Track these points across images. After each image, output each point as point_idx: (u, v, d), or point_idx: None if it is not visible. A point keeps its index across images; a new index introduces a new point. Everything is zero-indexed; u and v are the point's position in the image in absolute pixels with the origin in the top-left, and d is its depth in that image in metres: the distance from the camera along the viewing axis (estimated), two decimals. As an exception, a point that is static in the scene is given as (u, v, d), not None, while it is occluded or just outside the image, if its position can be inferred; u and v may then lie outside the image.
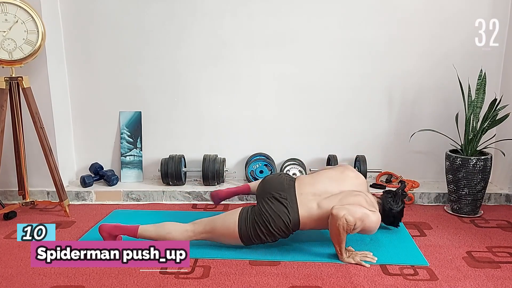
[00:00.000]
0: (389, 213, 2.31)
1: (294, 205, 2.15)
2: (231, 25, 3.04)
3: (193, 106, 3.17)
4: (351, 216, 2.01)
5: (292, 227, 2.13)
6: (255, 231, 2.12)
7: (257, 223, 2.12)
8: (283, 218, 2.12)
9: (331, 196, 2.16)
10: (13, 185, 2.93)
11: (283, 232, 2.14)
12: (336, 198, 2.15)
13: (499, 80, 3.02)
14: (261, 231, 2.11)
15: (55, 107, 2.95)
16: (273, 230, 2.11)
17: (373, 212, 2.12)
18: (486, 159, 2.64)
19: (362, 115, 3.14)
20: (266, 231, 2.12)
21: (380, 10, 2.98)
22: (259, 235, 2.12)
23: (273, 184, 2.24)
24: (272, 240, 2.16)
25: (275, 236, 2.15)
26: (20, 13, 2.53)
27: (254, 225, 2.12)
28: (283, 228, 2.13)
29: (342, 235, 2.05)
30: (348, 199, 2.13)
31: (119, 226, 2.20)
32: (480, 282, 1.95)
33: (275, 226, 2.11)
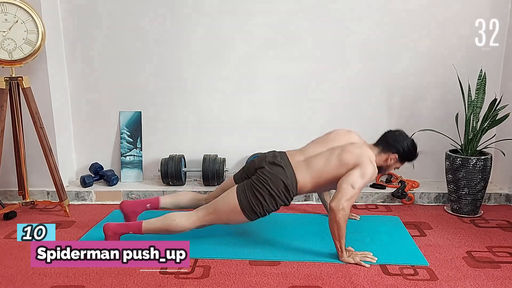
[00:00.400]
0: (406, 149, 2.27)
1: (290, 168, 2.18)
2: (231, 25, 3.04)
3: (193, 106, 3.17)
4: (347, 204, 2.04)
5: (290, 187, 2.15)
6: (255, 197, 2.13)
7: (256, 188, 2.14)
8: (281, 178, 2.14)
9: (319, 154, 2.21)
10: (13, 185, 2.92)
11: (283, 195, 2.15)
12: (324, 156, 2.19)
13: (499, 80, 3.02)
14: (261, 195, 2.12)
15: (55, 107, 2.95)
16: (272, 192, 2.13)
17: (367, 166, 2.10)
18: (486, 159, 2.64)
19: (362, 115, 3.14)
20: (266, 194, 2.13)
21: (380, 10, 2.98)
22: (259, 200, 2.12)
23: (267, 155, 2.28)
24: (274, 206, 2.16)
25: (276, 200, 2.15)
26: (20, 13, 2.53)
27: (253, 191, 2.13)
28: (283, 189, 2.14)
29: (342, 227, 2.05)
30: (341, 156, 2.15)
31: (123, 224, 2.22)
32: (480, 282, 1.95)
33: (274, 187, 2.13)
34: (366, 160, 2.13)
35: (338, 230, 2.07)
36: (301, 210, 2.85)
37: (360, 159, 2.13)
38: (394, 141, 2.26)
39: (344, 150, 2.18)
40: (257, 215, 2.17)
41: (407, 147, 2.26)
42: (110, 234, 2.17)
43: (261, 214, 2.17)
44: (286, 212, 2.82)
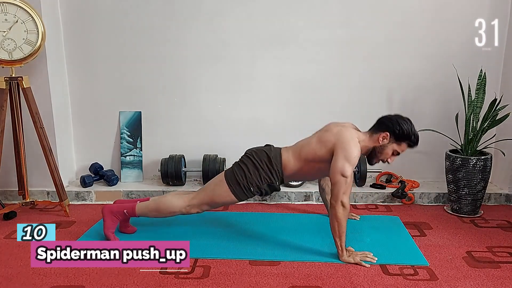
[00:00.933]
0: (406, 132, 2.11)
1: (277, 148, 2.28)
2: (231, 25, 3.04)
3: (193, 106, 3.17)
4: (345, 197, 2.04)
5: (274, 160, 2.19)
6: (239, 167, 2.19)
7: (242, 161, 2.24)
8: (265, 151, 2.23)
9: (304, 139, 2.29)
10: (13, 185, 2.92)
11: (266, 166, 2.18)
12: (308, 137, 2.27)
13: (499, 80, 3.02)
14: (245, 165, 2.19)
15: (55, 107, 2.95)
16: (256, 162, 2.18)
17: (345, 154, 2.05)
18: (486, 159, 2.64)
19: (362, 115, 3.12)
20: (250, 164, 2.18)
21: (380, 10, 2.98)
22: (243, 170, 2.17)
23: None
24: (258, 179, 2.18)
25: (259, 172, 2.18)
26: (20, 13, 2.53)
27: (238, 163, 2.22)
28: (266, 160, 2.19)
29: (342, 225, 2.06)
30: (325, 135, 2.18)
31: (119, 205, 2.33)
32: (480, 282, 1.95)
33: (257, 157, 2.19)
34: (347, 138, 2.08)
35: (339, 227, 2.07)
36: (301, 210, 2.85)
37: (339, 137, 2.10)
38: (386, 119, 2.17)
39: (324, 129, 2.24)
40: (242, 189, 2.18)
41: (398, 123, 2.11)
42: (107, 212, 2.28)
43: (245, 187, 2.18)
44: (286, 212, 2.82)
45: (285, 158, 2.23)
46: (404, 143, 2.14)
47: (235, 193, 2.19)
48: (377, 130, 2.17)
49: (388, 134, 2.13)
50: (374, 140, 2.17)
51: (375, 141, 2.16)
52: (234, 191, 2.19)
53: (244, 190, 2.18)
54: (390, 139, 2.14)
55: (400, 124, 2.11)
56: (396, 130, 2.11)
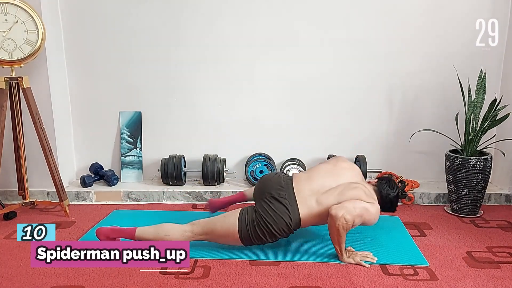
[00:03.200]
0: (386, 199, 2.27)
1: (294, 204, 2.13)
2: (231, 25, 3.04)
3: (193, 106, 3.17)
4: (349, 215, 2.01)
5: (293, 226, 2.13)
6: (255, 232, 2.10)
7: (258, 224, 2.10)
8: (284, 219, 2.10)
9: (329, 191, 2.15)
10: (13, 185, 2.92)
11: (284, 232, 2.13)
12: (335, 192, 2.13)
13: (499, 80, 3.02)
14: (262, 232, 2.10)
15: (55, 107, 2.95)
16: (274, 231, 2.10)
17: (371, 204, 2.10)
18: (486, 159, 2.64)
19: (362, 115, 3.15)
20: (268, 232, 2.10)
21: (380, 10, 2.98)
22: (260, 236, 2.11)
23: (271, 183, 2.22)
24: (273, 240, 2.16)
25: (276, 237, 2.14)
26: (20, 13, 2.53)
27: (254, 226, 2.10)
28: (285, 229, 2.12)
29: (342, 235, 2.04)
30: (346, 193, 2.12)
31: (117, 229, 2.18)
32: (480, 282, 1.95)
33: (277, 227, 2.10)
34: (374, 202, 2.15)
35: (338, 236, 2.06)
36: (301, 210, 2.85)
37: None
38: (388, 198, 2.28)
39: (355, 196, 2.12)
40: (254, 244, 2.16)
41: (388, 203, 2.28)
42: (103, 238, 2.16)
43: (257, 244, 2.16)
44: (286, 212, 2.82)
45: (306, 219, 2.14)
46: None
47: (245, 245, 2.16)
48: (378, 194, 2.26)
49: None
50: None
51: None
52: (245, 245, 2.16)
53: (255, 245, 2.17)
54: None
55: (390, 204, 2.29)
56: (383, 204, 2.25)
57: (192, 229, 2.17)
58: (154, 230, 2.17)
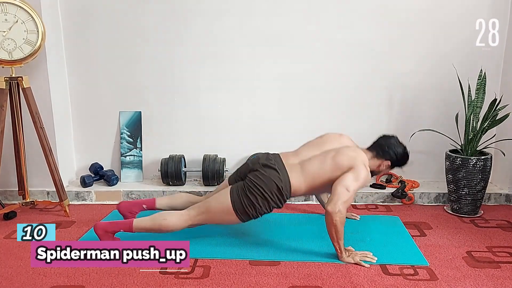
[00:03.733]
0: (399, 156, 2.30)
1: (284, 170, 2.18)
2: (231, 24, 3.04)
3: (193, 106, 3.17)
4: (343, 207, 2.04)
5: (284, 190, 2.15)
6: (248, 199, 2.12)
7: (250, 190, 2.13)
8: (275, 181, 2.14)
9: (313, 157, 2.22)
10: (13, 185, 2.92)
11: (276, 197, 2.15)
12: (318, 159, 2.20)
13: (499, 80, 3.02)
14: (254, 197, 2.12)
15: (55, 107, 2.95)
16: (266, 194, 2.12)
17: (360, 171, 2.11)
18: (486, 159, 2.64)
19: (362, 115, 3.14)
20: (260, 196, 2.12)
21: (380, 10, 2.98)
22: (252, 202, 2.12)
23: (258, 159, 2.27)
24: (266, 208, 2.16)
25: (269, 202, 2.15)
26: (20, 13, 2.53)
27: (246, 193, 2.13)
28: (276, 192, 2.14)
29: (340, 230, 2.06)
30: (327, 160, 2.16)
31: (114, 222, 2.21)
32: (480, 282, 1.95)
33: (268, 189, 2.12)
34: (360, 164, 2.14)
35: (336, 233, 2.07)
36: (301, 210, 2.85)
37: (354, 162, 2.14)
38: (389, 148, 2.30)
39: (339, 153, 2.19)
40: (250, 216, 2.16)
41: (401, 155, 2.31)
42: (101, 233, 2.17)
43: (253, 216, 2.16)
44: (286, 212, 2.82)
45: (295, 184, 2.18)
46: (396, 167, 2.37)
47: (242, 220, 2.18)
48: (379, 156, 2.30)
49: (390, 163, 2.31)
50: (376, 164, 2.30)
51: (377, 166, 2.30)
52: (242, 219, 2.17)
53: (252, 217, 2.18)
54: (390, 166, 2.33)
55: (403, 158, 2.33)
56: (397, 162, 2.32)
57: (189, 212, 2.19)
58: (151, 217, 2.21)
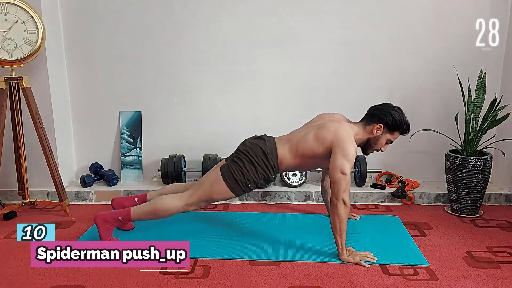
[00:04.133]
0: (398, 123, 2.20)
1: (272, 140, 2.27)
2: (231, 24, 3.04)
3: (193, 106, 3.17)
4: (346, 195, 2.05)
5: (269, 155, 2.19)
6: (235, 164, 2.18)
7: (237, 155, 2.23)
8: (261, 146, 2.21)
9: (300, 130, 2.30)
10: (13, 185, 2.92)
11: (262, 162, 2.18)
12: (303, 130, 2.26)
13: (499, 80, 3.02)
14: (241, 161, 2.18)
15: (55, 107, 2.95)
16: (252, 158, 2.17)
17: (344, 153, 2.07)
18: (486, 159, 2.64)
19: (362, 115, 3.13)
20: (246, 160, 2.18)
21: (380, 10, 2.99)
22: (239, 166, 2.17)
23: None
24: (254, 175, 2.19)
25: (256, 167, 2.18)
26: (20, 13, 2.53)
27: (234, 159, 2.22)
28: (261, 156, 2.18)
29: (343, 221, 2.07)
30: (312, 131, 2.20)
31: (113, 212, 2.27)
32: (480, 282, 1.95)
33: (253, 153, 2.18)
34: (344, 137, 2.11)
35: (340, 224, 2.07)
36: (301, 210, 2.85)
37: (336, 135, 2.12)
38: (377, 110, 2.23)
39: (321, 126, 2.21)
40: (239, 185, 2.18)
41: (390, 114, 2.18)
42: (100, 223, 2.20)
43: (242, 183, 2.18)
44: (286, 212, 2.82)
45: (281, 153, 2.23)
46: (397, 132, 2.23)
47: (232, 189, 2.20)
48: (370, 122, 2.23)
49: (382, 126, 2.20)
50: (368, 132, 2.23)
51: (369, 132, 2.23)
52: (232, 188, 2.20)
53: (241, 186, 2.19)
54: (384, 129, 2.21)
55: (392, 115, 2.19)
56: (389, 121, 2.19)
57: (184, 193, 2.24)
58: (147, 202, 2.28)
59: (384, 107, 2.23)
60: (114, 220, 2.23)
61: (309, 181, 3.16)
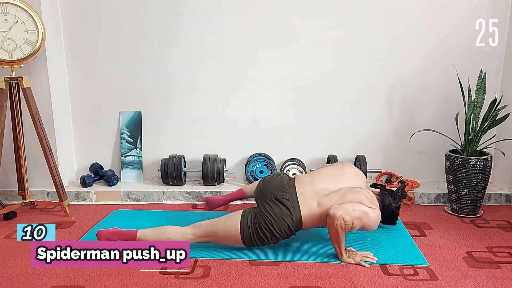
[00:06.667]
0: (388, 209, 2.29)
1: (296, 206, 2.13)
2: (231, 25, 3.04)
3: (193, 106, 3.17)
4: (348, 216, 2.01)
5: (294, 228, 2.13)
6: (257, 234, 2.11)
7: (260, 226, 2.10)
8: (286, 221, 2.10)
9: (331, 194, 2.15)
10: (13, 185, 2.92)
11: (286, 234, 2.14)
12: (336, 195, 2.13)
13: (499, 80, 3.02)
14: (264, 234, 2.11)
15: (55, 107, 2.95)
16: (276, 233, 2.11)
17: (372, 209, 2.10)
18: (486, 159, 2.64)
19: (362, 115, 3.14)
20: (269, 234, 2.11)
21: (380, 10, 2.98)
22: (262, 238, 2.11)
23: (273, 185, 2.22)
24: (274, 242, 2.16)
25: (278, 238, 2.14)
26: (20, 13, 2.53)
27: (256, 228, 2.10)
28: (286, 231, 2.12)
29: (340, 235, 2.04)
30: (347, 196, 2.11)
31: (118, 232, 2.17)
32: (480, 282, 1.95)
33: (278, 229, 2.10)
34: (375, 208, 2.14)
35: (336, 236, 2.06)
36: (301, 210, 2.85)
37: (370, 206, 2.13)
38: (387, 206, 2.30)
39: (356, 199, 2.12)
40: (255, 245, 2.17)
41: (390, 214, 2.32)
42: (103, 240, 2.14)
43: (256, 242, 2.15)
44: (286, 212, 2.82)
45: (307, 220, 2.13)
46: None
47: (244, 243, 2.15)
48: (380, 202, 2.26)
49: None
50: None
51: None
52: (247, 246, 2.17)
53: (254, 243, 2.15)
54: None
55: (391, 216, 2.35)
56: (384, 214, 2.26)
57: (194, 232, 2.16)
58: (155, 234, 2.15)
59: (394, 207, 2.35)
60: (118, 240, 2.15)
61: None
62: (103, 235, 2.15)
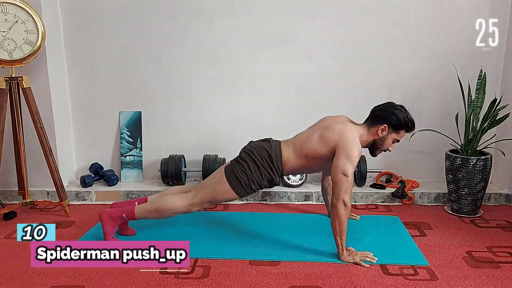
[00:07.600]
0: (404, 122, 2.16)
1: (277, 142, 2.27)
2: (231, 25, 3.04)
3: (193, 106, 3.17)
4: (346, 196, 2.05)
5: (274, 157, 2.18)
6: (239, 164, 2.19)
7: (241, 157, 2.23)
8: (265, 147, 2.22)
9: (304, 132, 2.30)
10: (13, 185, 2.92)
11: (267, 163, 2.18)
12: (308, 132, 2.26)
13: (499, 80, 3.02)
14: (245, 162, 2.18)
15: (55, 107, 2.95)
16: (256, 159, 2.17)
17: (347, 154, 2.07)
18: (486, 159, 2.64)
19: (362, 115, 3.13)
20: (250, 161, 2.18)
21: (380, 10, 2.98)
22: (243, 166, 2.17)
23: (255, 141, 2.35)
24: (258, 177, 2.19)
25: (260, 169, 2.18)
26: (20, 13, 2.53)
27: (238, 160, 2.22)
28: (266, 157, 2.18)
29: (343, 223, 2.06)
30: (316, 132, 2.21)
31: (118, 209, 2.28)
32: (480, 282, 1.95)
33: (258, 155, 2.18)
34: (348, 138, 2.11)
35: (340, 225, 2.07)
36: (301, 210, 2.85)
37: (341, 136, 2.12)
38: (379, 111, 2.21)
39: (326, 127, 2.21)
40: (243, 186, 2.18)
41: (393, 113, 2.16)
42: (106, 218, 2.23)
43: (246, 185, 2.18)
44: (286, 212, 2.82)
45: (286, 154, 2.22)
46: (402, 130, 2.21)
47: (236, 190, 2.20)
48: (374, 123, 2.21)
49: (386, 126, 2.19)
50: (373, 133, 2.21)
51: (374, 134, 2.21)
52: (235, 189, 2.19)
53: (245, 187, 2.19)
54: (389, 130, 2.19)
55: (395, 114, 2.16)
56: (393, 121, 2.16)
57: (187, 194, 2.25)
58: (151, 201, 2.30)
59: (386, 107, 2.22)
60: (119, 217, 2.25)
61: (309, 181, 3.16)
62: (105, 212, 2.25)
